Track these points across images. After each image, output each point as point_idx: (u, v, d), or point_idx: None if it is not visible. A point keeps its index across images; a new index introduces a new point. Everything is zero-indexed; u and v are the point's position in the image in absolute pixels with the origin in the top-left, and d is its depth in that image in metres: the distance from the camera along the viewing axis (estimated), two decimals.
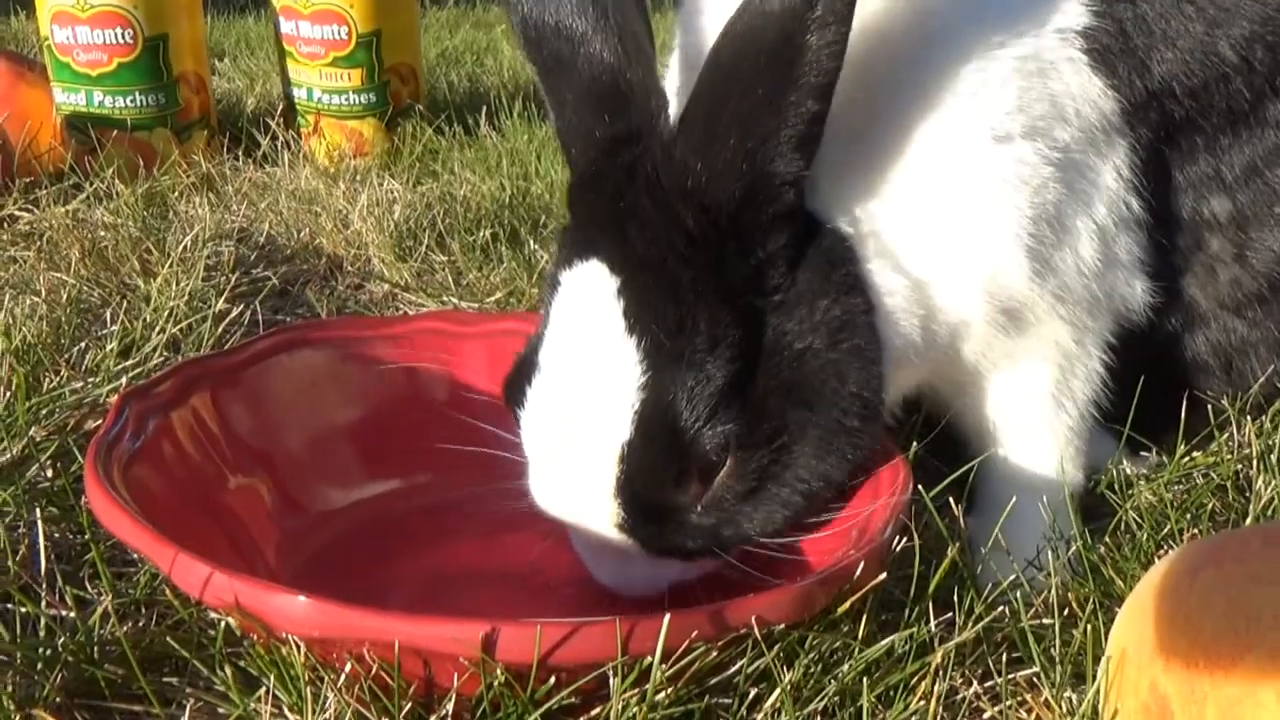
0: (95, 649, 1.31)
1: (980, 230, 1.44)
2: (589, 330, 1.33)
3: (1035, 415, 1.59)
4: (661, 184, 1.32)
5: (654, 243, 1.32)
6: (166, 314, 2.06)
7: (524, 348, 1.43)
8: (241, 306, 2.16)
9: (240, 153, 3.17)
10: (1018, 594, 1.37)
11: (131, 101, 3.07)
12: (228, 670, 1.23)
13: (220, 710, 1.26)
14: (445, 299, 2.30)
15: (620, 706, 1.17)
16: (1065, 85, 1.49)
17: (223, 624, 1.26)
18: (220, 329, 2.08)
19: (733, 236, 1.32)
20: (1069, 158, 1.48)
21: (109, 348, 1.94)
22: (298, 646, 1.19)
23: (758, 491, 1.35)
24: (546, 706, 1.17)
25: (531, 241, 2.52)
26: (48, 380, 1.87)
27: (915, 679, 1.28)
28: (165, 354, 1.97)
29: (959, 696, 1.31)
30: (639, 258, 1.32)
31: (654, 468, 1.31)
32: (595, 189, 1.38)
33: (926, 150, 1.42)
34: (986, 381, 1.57)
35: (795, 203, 1.33)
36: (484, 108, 3.43)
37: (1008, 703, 1.27)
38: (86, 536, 1.48)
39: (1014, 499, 1.49)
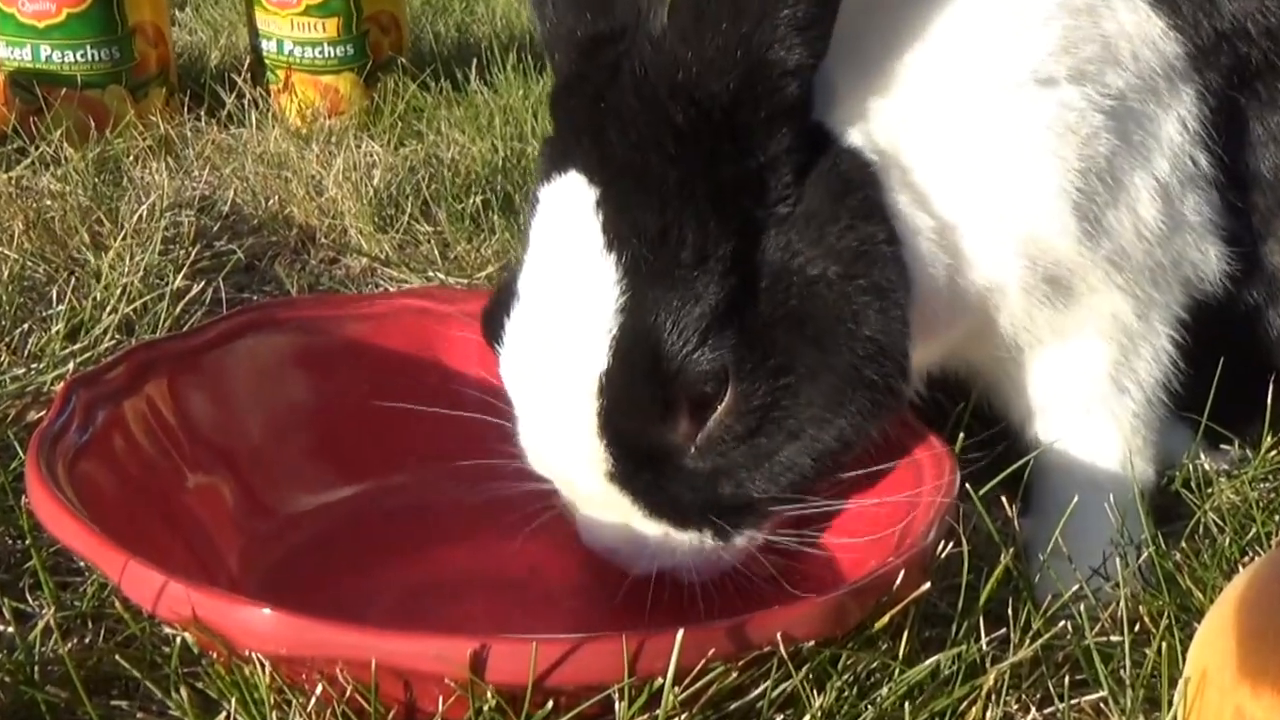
0: (35, 669, 1.30)
1: (1019, 183, 1.43)
2: (565, 250, 1.34)
3: (1093, 400, 1.58)
4: (648, 79, 1.31)
5: (637, 145, 1.32)
6: (119, 292, 2.06)
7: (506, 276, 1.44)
8: (202, 283, 2.15)
9: (203, 112, 3.16)
10: (1081, 607, 1.36)
11: (82, 56, 3.04)
12: (184, 693, 1.22)
13: None
14: (431, 274, 2.30)
15: None
16: (1119, 25, 1.47)
17: (179, 640, 1.26)
18: (179, 308, 2.07)
19: (727, 135, 1.31)
20: (1124, 106, 1.47)
21: (55, 329, 1.93)
22: (262, 666, 1.18)
23: (760, 440, 1.34)
24: None
25: (527, 210, 2.51)
26: None
27: (964, 704, 1.27)
28: (117, 336, 1.97)
29: None
30: (619, 163, 1.32)
31: (637, 400, 1.30)
32: (575, 93, 1.39)
33: (961, 89, 1.42)
34: (1032, 360, 1.57)
35: (798, 97, 1.32)
36: (474, 60, 3.42)
37: None
38: (27, 542, 1.47)
39: (1075, 498, 1.47)
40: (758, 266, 1.33)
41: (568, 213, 1.35)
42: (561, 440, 1.35)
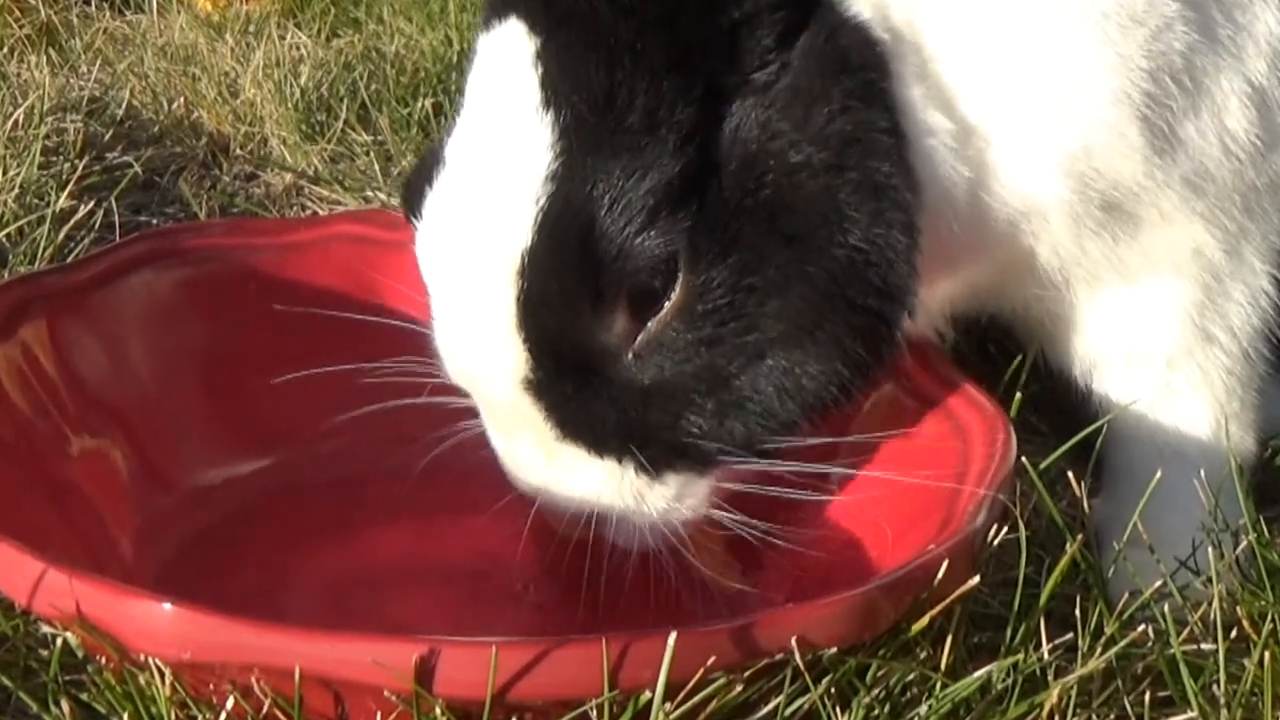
0: None
1: (1067, 85, 1.42)
2: (498, 109, 1.34)
3: (1176, 352, 1.58)
4: None
5: None
6: None
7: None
8: (91, 204, 2.15)
9: None
10: (1165, 607, 1.36)
11: None
12: (65, 706, 1.22)
13: None
14: (369, 194, 2.29)
15: None
16: None
17: (60, 642, 1.25)
18: (61, 234, 2.07)
19: None
20: None
21: None
22: (161, 674, 1.17)
23: (713, 357, 1.33)
24: None
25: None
26: None
27: None
28: None
29: None
30: (564, 9, 1.31)
31: (563, 286, 1.29)
32: None
33: None
34: (1093, 302, 1.56)
35: None
36: None
37: None
38: None
39: (1158, 473, 1.46)
40: (725, 144, 1.32)
41: (504, 66, 1.34)
42: (472, 333, 1.34)
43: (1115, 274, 1.53)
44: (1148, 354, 1.58)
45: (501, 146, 1.32)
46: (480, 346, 1.33)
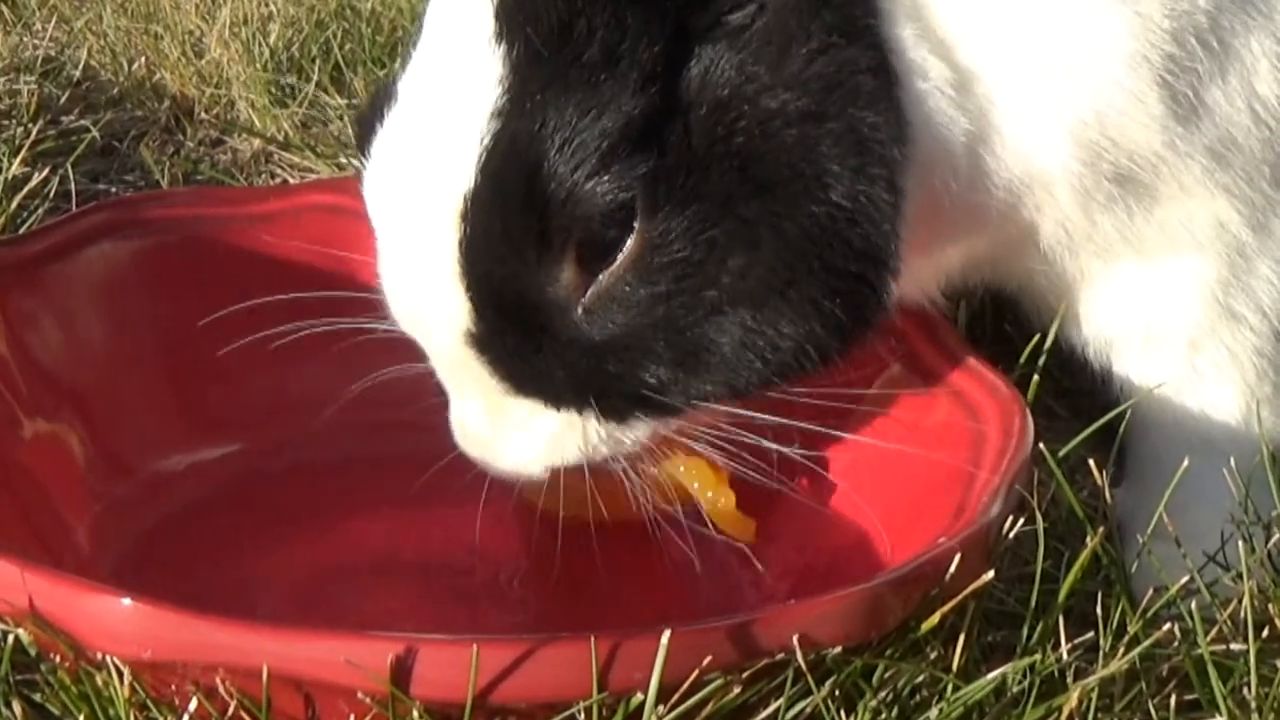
0: None
1: (1079, 44, 1.41)
2: (451, 42, 1.33)
3: (1200, 332, 1.57)
4: None
5: None
6: None
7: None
8: (46, 170, 2.14)
9: None
10: (1193, 605, 1.35)
11: None
12: (17, 708, 1.21)
13: None
14: (343, 161, 2.28)
15: None
16: None
17: (11, 639, 1.25)
18: (15, 203, 2.06)
19: None
20: None
21: None
22: (120, 674, 1.17)
23: (671, 310, 1.32)
24: None
25: None
26: None
27: None
28: None
29: None
30: None
31: (508, 231, 1.29)
32: None
33: None
34: (1107, 278, 1.56)
35: None
36: None
37: None
38: None
39: (1185, 461, 1.46)
40: (693, 88, 1.32)
41: None
42: (415, 281, 1.35)
43: (1130, 250, 1.53)
44: (1168, 334, 1.58)
45: (450, 81, 1.32)
46: (422, 295, 1.34)
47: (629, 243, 1.30)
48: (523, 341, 1.32)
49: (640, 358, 1.33)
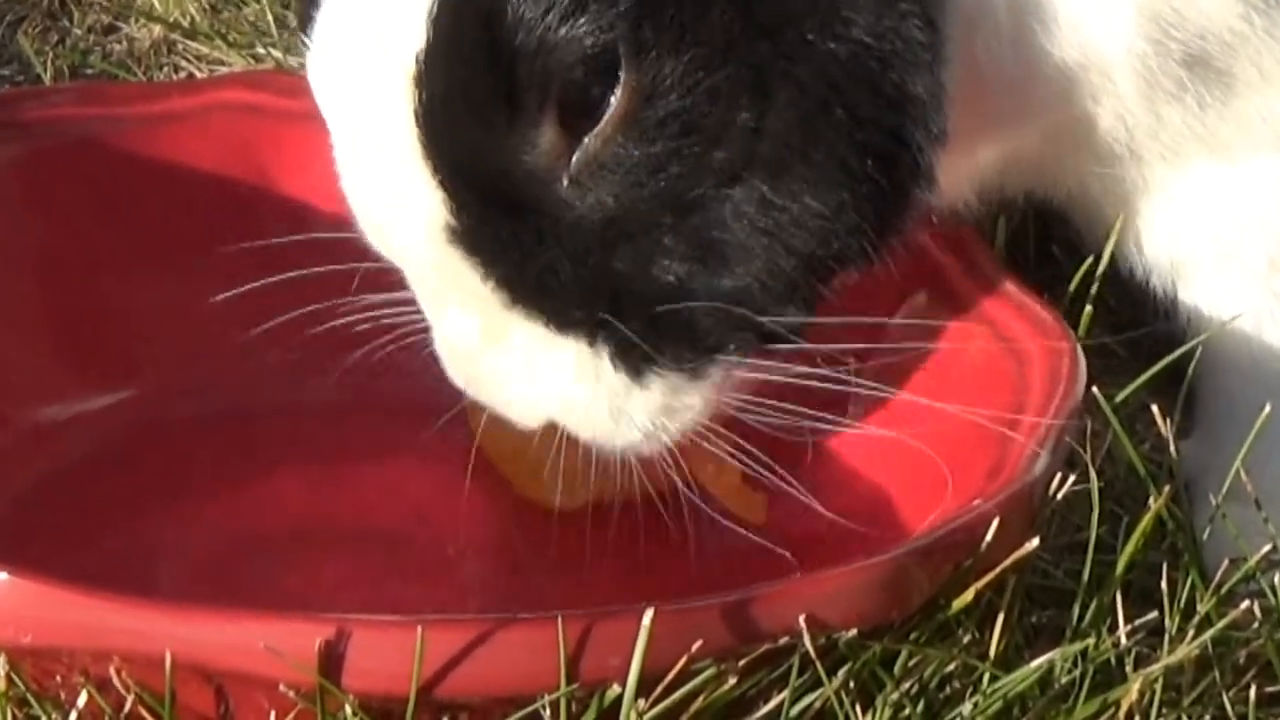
0: None
1: None
2: None
3: (1277, 252, 1.59)
4: None
5: None
6: None
7: None
8: None
9: None
10: (1275, 579, 1.37)
11: None
12: None
13: None
14: (260, 50, 2.29)
15: None
16: None
17: None
18: None
19: None
20: None
21: None
22: None
23: (671, 175, 1.30)
24: None
25: None
26: None
27: None
28: None
29: None
30: None
31: (467, 92, 1.27)
32: None
33: None
34: (1170, 186, 1.57)
35: None
36: None
37: None
38: None
39: (1266, 408, 1.46)
40: None
41: None
42: (373, 170, 1.33)
43: (1204, 149, 1.54)
44: (1246, 253, 1.59)
45: None
46: (384, 185, 1.33)
47: (615, 96, 1.29)
48: (511, 230, 1.31)
49: (647, 244, 1.32)
